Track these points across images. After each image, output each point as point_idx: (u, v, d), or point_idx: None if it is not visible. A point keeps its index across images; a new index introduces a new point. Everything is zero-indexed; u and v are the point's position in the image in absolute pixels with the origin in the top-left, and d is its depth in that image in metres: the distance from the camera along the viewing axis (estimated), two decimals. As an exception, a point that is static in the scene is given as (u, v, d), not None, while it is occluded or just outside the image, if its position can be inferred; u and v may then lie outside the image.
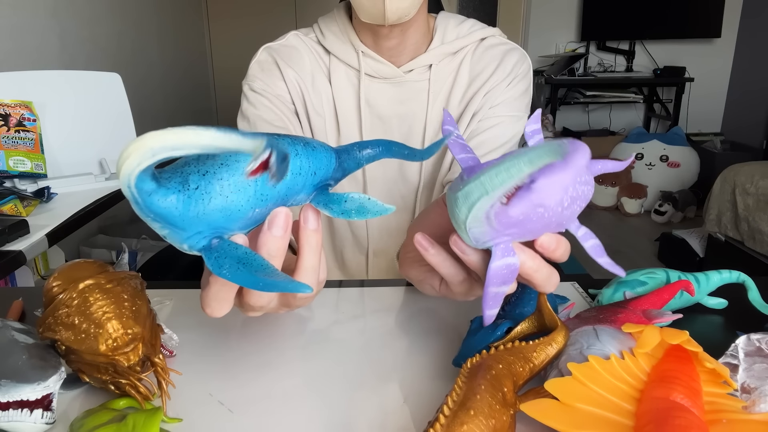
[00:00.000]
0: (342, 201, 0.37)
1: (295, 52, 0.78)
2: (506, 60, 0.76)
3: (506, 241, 0.36)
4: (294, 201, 0.37)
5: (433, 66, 0.77)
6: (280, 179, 0.29)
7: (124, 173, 0.28)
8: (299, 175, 0.35)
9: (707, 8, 3.71)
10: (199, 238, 0.33)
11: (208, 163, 0.33)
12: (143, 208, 0.31)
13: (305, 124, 0.78)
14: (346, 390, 0.43)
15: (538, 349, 0.39)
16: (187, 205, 0.31)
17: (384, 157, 0.41)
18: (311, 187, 0.37)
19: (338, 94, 0.77)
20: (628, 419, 0.33)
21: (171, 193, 0.31)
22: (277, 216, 0.34)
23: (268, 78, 0.76)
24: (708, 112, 4.00)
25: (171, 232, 0.32)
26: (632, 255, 2.89)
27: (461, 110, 0.78)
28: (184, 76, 3.36)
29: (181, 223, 0.32)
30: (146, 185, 0.30)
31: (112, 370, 0.39)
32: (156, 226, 0.32)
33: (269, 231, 0.34)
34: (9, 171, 1.17)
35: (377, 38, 0.75)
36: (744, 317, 0.54)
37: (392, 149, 0.41)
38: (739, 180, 2.31)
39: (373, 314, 0.57)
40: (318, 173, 0.37)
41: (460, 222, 0.35)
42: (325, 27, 0.78)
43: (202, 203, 0.32)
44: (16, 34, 1.78)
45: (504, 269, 0.36)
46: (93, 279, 0.41)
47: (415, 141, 0.79)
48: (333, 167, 0.39)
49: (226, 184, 0.32)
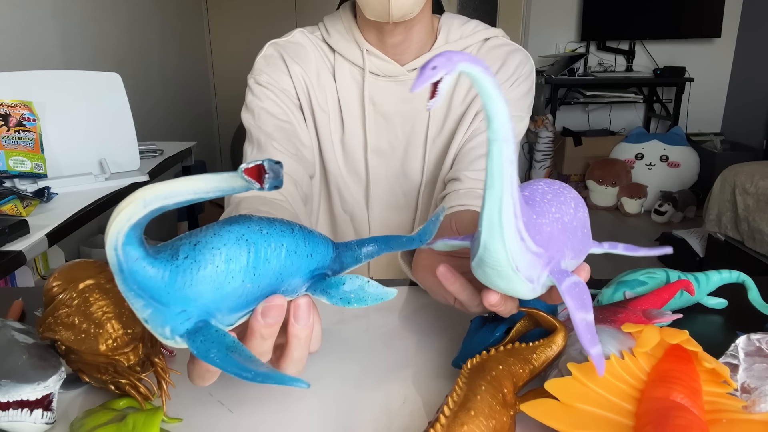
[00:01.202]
0: (340, 284, 0.36)
1: (301, 49, 0.78)
2: (509, 61, 0.77)
3: (555, 264, 0.36)
4: (288, 285, 0.35)
5: None
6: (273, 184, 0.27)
7: (113, 231, 0.27)
8: (294, 254, 0.34)
9: (707, 8, 3.71)
10: (184, 319, 0.31)
11: (200, 234, 0.32)
12: (127, 276, 0.29)
13: (309, 120, 0.79)
14: (347, 390, 0.43)
15: (538, 350, 0.39)
16: (174, 276, 0.30)
17: (383, 252, 0.40)
18: (307, 272, 0.35)
19: (342, 92, 0.78)
20: (628, 419, 0.33)
21: (159, 262, 0.30)
22: (271, 308, 0.33)
23: (273, 72, 0.77)
24: (708, 112, 4.00)
25: (154, 311, 0.30)
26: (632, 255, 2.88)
27: (464, 108, 0.78)
28: (184, 76, 3.36)
29: (166, 298, 0.30)
30: (134, 250, 0.28)
31: (112, 370, 0.39)
32: (138, 306, 0.30)
33: (263, 319, 0.33)
34: (9, 171, 1.17)
35: (382, 36, 0.75)
36: (744, 317, 0.54)
37: (391, 244, 0.40)
38: (739, 180, 2.31)
39: (374, 315, 0.57)
40: (314, 256, 0.35)
41: (505, 265, 0.33)
42: (330, 25, 0.79)
43: (191, 273, 0.30)
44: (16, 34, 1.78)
45: (574, 288, 0.35)
46: (93, 279, 0.41)
47: (417, 139, 0.79)
48: (330, 257, 0.37)
49: (217, 252, 0.31)
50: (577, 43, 3.90)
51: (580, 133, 3.86)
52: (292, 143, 0.74)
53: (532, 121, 3.63)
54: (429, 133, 0.78)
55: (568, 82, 3.70)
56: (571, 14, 3.88)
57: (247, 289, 0.32)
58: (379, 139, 0.79)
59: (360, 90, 0.78)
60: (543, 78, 3.71)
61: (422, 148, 0.79)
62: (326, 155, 0.80)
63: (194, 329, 0.31)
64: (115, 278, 0.29)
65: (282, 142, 0.72)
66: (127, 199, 0.27)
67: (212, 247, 0.31)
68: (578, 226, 0.38)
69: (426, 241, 0.41)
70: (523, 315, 0.43)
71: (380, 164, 0.80)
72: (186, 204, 0.28)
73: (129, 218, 0.27)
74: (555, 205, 0.37)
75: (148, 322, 0.31)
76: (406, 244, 0.40)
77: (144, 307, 0.30)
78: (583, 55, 3.83)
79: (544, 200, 0.37)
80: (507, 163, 0.30)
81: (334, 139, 0.79)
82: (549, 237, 0.35)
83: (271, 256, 0.33)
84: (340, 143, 0.80)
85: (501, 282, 0.35)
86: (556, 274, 0.35)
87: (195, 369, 0.35)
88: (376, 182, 0.81)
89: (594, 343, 0.35)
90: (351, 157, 0.80)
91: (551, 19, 3.89)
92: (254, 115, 0.75)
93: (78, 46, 2.16)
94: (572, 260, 0.38)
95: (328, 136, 0.79)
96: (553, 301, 0.40)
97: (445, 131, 0.79)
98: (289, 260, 0.34)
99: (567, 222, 0.37)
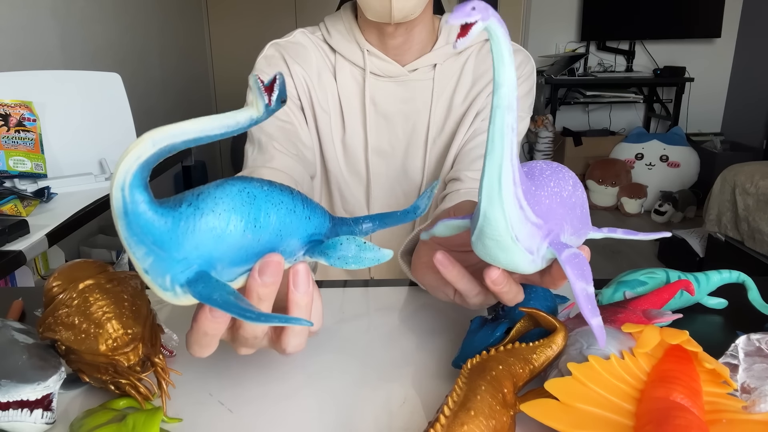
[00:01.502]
0: (337, 244, 0.36)
1: (302, 49, 0.78)
2: None
3: (555, 236, 0.36)
4: (287, 245, 0.35)
5: (437, 65, 0.77)
6: (281, 97, 0.29)
7: (121, 170, 0.28)
8: (293, 213, 0.35)
9: (707, 8, 3.71)
10: (185, 267, 0.31)
11: (203, 187, 0.32)
12: (131, 219, 0.29)
13: (311, 120, 0.79)
14: (347, 390, 0.43)
15: (538, 350, 0.39)
16: (177, 221, 0.30)
17: (379, 229, 0.41)
18: (305, 235, 0.36)
19: (343, 92, 0.78)
20: (628, 419, 0.33)
21: (163, 209, 0.30)
22: (269, 264, 0.33)
23: (274, 72, 0.76)
24: (708, 112, 4.00)
25: (155, 260, 0.30)
26: (632, 255, 2.89)
27: (465, 108, 0.78)
28: (184, 76, 3.36)
29: (169, 244, 0.30)
30: (139, 193, 0.28)
31: (112, 370, 0.39)
32: (140, 254, 0.30)
33: (259, 278, 0.33)
34: (9, 171, 1.17)
35: (383, 37, 0.75)
36: (744, 317, 0.54)
37: (386, 220, 0.41)
38: (739, 180, 2.31)
39: (374, 315, 0.57)
40: (312, 220, 0.36)
41: (504, 234, 0.34)
42: (331, 26, 0.79)
43: (194, 219, 0.31)
44: (16, 34, 1.78)
45: (574, 258, 0.35)
46: (93, 279, 0.41)
47: (418, 139, 0.80)
48: (327, 226, 0.38)
49: (220, 201, 0.31)
50: (577, 43, 3.90)
51: (580, 133, 3.86)
52: (293, 143, 0.74)
53: (532, 121, 3.63)
54: (429, 133, 0.79)
55: (568, 82, 3.70)
56: (571, 14, 3.88)
57: (248, 240, 0.32)
58: (380, 139, 0.79)
59: (361, 90, 0.78)
60: (543, 78, 3.71)
61: (423, 148, 0.80)
62: (327, 155, 0.80)
63: (195, 278, 0.31)
64: (117, 223, 0.29)
65: (283, 143, 0.73)
66: (134, 142, 0.27)
67: (215, 197, 0.32)
68: (576, 203, 0.38)
69: (419, 214, 0.41)
70: (523, 315, 0.43)
71: (381, 164, 0.80)
72: (194, 143, 0.29)
73: (138, 156, 0.27)
74: (554, 180, 0.37)
75: (148, 272, 0.31)
76: (401, 218, 0.41)
77: (145, 255, 0.30)
78: (583, 55, 3.83)
79: (543, 175, 0.37)
80: (509, 130, 0.30)
81: (335, 139, 0.79)
82: (548, 209, 0.35)
83: (271, 210, 0.33)
84: (341, 143, 0.80)
85: (501, 254, 0.35)
86: (555, 245, 0.35)
87: (193, 335, 0.35)
88: (376, 182, 0.81)
89: (594, 314, 0.34)
90: (352, 157, 0.80)
91: (551, 19, 3.89)
92: None
93: (78, 46, 2.16)
94: (571, 236, 0.38)
95: (329, 136, 0.79)
96: (554, 282, 0.39)
97: (445, 131, 0.79)
98: (288, 218, 0.34)
99: (566, 197, 0.37)
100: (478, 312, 0.54)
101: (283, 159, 0.71)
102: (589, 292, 0.35)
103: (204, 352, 0.36)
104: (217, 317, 0.33)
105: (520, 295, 0.41)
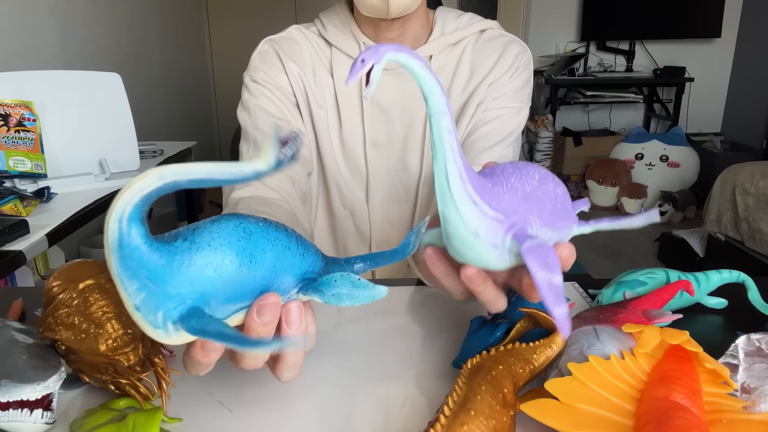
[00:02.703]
0: (331, 282, 0.36)
1: (296, 45, 0.79)
2: (507, 52, 0.77)
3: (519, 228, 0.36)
4: (281, 282, 0.35)
5: (433, 57, 0.78)
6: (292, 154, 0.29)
7: (122, 202, 0.28)
8: (288, 249, 0.35)
9: (707, 8, 3.71)
10: (178, 302, 0.31)
11: (199, 222, 0.32)
12: (126, 253, 0.29)
13: (307, 116, 0.79)
14: (347, 390, 0.43)
15: (538, 351, 0.39)
16: (172, 255, 0.30)
17: (370, 269, 0.41)
18: (298, 272, 0.36)
19: (340, 86, 0.78)
20: (628, 419, 0.33)
21: (158, 243, 0.30)
22: (267, 305, 0.33)
23: (269, 69, 0.77)
24: (708, 112, 4.00)
25: (147, 295, 0.30)
26: (632, 255, 2.89)
27: (464, 100, 0.78)
28: (184, 75, 3.36)
29: (163, 278, 0.30)
30: (136, 227, 0.29)
31: (112, 370, 0.39)
32: (132, 289, 0.30)
33: (258, 318, 0.33)
34: (9, 171, 1.17)
35: (378, 30, 0.75)
36: (744, 317, 0.54)
37: (377, 260, 0.41)
38: (739, 180, 2.31)
39: (374, 315, 0.57)
40: (306, 258, 0.36)
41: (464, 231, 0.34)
42: (326, 20, 0.79)
43: (189, 253, 0.31)
44: (16, 34, 1.78)
45: (537, 248, 0.34)
46: (93, 279, 0.41)
47: (416, 132, 0.79)
48: (320, 264, 0.38)
49: (215, 235, 0.32)
50: (577, 43, 3.90)
51: (580, 133, 3.86)
52: None
53: (532, 121, 3.63)
54: (427, 126, 0.79)
55: (568, 82, 3.70)
56: (571, 14, 3.88)
57: (243, 276, 0.32)
58: (378, 132, 0.79)
59: (358, 84, 0.78)
60: (543, 78, 3.71)
61: (421, 140, 0.79)
62: (324, 151, 0.80)
63: (188, 314, 0.31)
64: (110, 257, 0.29)
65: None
66: (139, 175, 0.28)
67: (211, 231, 0.32)
68: (545, 197, 0.38)
69: (409, 252, 0.41)
70: (523, 315, 0.43)
71: (379, 158, 0.80)
72: (197, 185, 0.29)
73: (141, 189, 0.28)
74: (515, 176, 0.37)
75: (139, 309, 0.30)
76: (390, 257, 0.41)
77: (137, 291, 0.30)
78: (583, 55, 3.83)
79: (504, 173, 0.37)
80: (445, 133, 0.32)
81: (331, 134, 0.79)
82: (508, 203, 0.35)
83: (267, 246, 0.34)
84: (338, 138, 0.80)
85: (468, 252, 0.36)
86: (519, 237, 0.35)
87: (188, 362, 0.36)
88: (375, 176, 0.81)
89: (558, 304, 0.33)
90: (350, 151, 0.80)
91: (551, 19, 3.89)
92: (250, 113, 0.76)
93: (78, 46, 2.16)
94: (543, 229, 0.37)
95: (325, 131, 0.79)
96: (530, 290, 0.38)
97: None
98: (282, 254, 0.35)
99: (530, 191, 0.37)
100: (478, 312, 0.55)
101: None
102: (554, 283, 0.33)
103: (200, 372, 0.36)
104: (208, 350, 0.34)
105: (501, 301, 0.40)
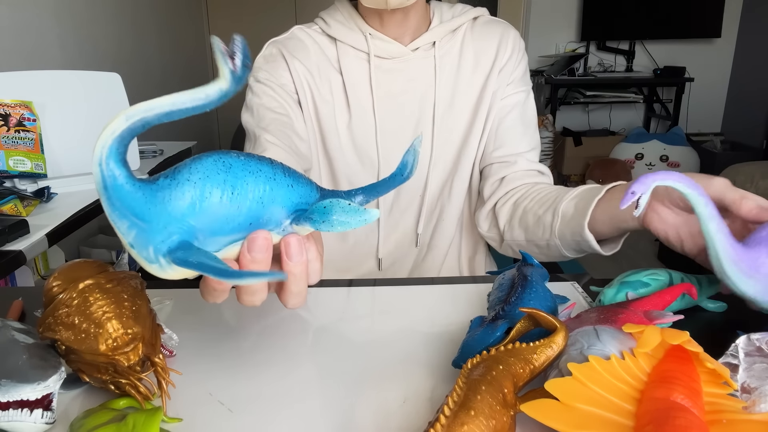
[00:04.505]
0: (321, 209, 0.36)
1: (300, 44, 0.80)
2: (506, 36, 0.82)
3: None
4: (271, 214, 0.35)
5: (436, 43, 0.80)
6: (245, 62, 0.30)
7: (98, 147, 0.29)
8: (273, 180, 0.35)
9: (707, 8, 3.71)
10: (166, 237, 0.32)
11: (181, 162, 0.33)
12: (111, 194, 0.30)
13: (312, 113, 0.80)
14: (347, 390, 0.43)
15: (538, 350, 0.39)
16: (154, 192, 0.31)
17: (372, 198, 0.41)
18: (289, 203, 0.36)
19: (349, 79, 0.79)
20: (629, 419, 0.33)
21: (141, 182, 0.31)
22: (255, 240, 0.34)
23: (272, 69, 0.79)
24: (708, 112, 4.00)
25: (138, 233, 0.31)
26: (632, 255, 2.89)
27: (479, 87, 0.81)
28: (184, 76, 3.36)
29: (149, 215, 0.31)
30: (117, 168, 0.30)
31: (112, 370, 0.39)
32: (123, 228, 0.31)
33: (249, 254, 0.34)
34: (9, 171, 1.17)
35: (383, 20, 0.78)
36: (744, 317, 0.54)
37: (378, 189, 0.41)
38: (739, 180, 2.31)
39: (374, 314, 0.57)
40: (295, 188, 0.36)
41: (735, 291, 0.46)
42: (329, 17, 0.81)
43: (170, 189, 0.31)
44: (16, 34, 1.78)
45: None
46: (93, 279, 0.41)
47: (426, 118, 0.81)
48: (315, 197, 0.37)
49: (194, 170, 0.32)
50: (577, 43, 3.90)
51: (580, 133, 3.86)
52: (287, 135, 0.75)
53: (532, 121, 3.63)
54: (436, 109, 0.81)
55: (568, 82, 3.70)
56: (571, 14, 3.88)
57: (227, 209, 0.33)
58: (389, 120, 0.81)
59: (367, 74, 0.79)
60: (543, 78, 3.71)
61: (430, 125, 0.81)
62: (330, 145, 0.81)
63: (176, 247, 0.32)
64: (101, 200, 0.31)
65: (276, 135, 0.73)
66: (110, 119, 0.29)
67: (190, 167, 0.32)
68: None
69: (407, 173, 0.41)
70: (523, 315, 0.43)
71: (392, 146, 0.82)
72: (167, 118, 0.30)
73: (112, 132, 0.29)
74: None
75: (133, 246, 0.32)
76: (390, 183, 0.41)
77: (129, 229, 0.31)
78: (583, 55, 3.83)
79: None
80: (714, 233, 0.42)
81: (339, 127, 0.80)
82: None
83: (249, 178, 0.34)
84: (347, 130, 0.80)
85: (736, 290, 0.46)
86: None
87: (204, 288, 0.37)
88: (387, 164, 0.82)
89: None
90: (360, 142, 0.81)
91: (551, 19, 3.89)
92: (253, 113, 0.76)
93: (78, 46, 2.16)
94: None
95: (332, 126, 0.80)
96: None
97: (455, 107, 0.81)
98: (268, 185, 0.34)
99: None
100: (478, 311, 0.55)
101: (275, 151, 0.72)
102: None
103: (216, 299, 0.37)
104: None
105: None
